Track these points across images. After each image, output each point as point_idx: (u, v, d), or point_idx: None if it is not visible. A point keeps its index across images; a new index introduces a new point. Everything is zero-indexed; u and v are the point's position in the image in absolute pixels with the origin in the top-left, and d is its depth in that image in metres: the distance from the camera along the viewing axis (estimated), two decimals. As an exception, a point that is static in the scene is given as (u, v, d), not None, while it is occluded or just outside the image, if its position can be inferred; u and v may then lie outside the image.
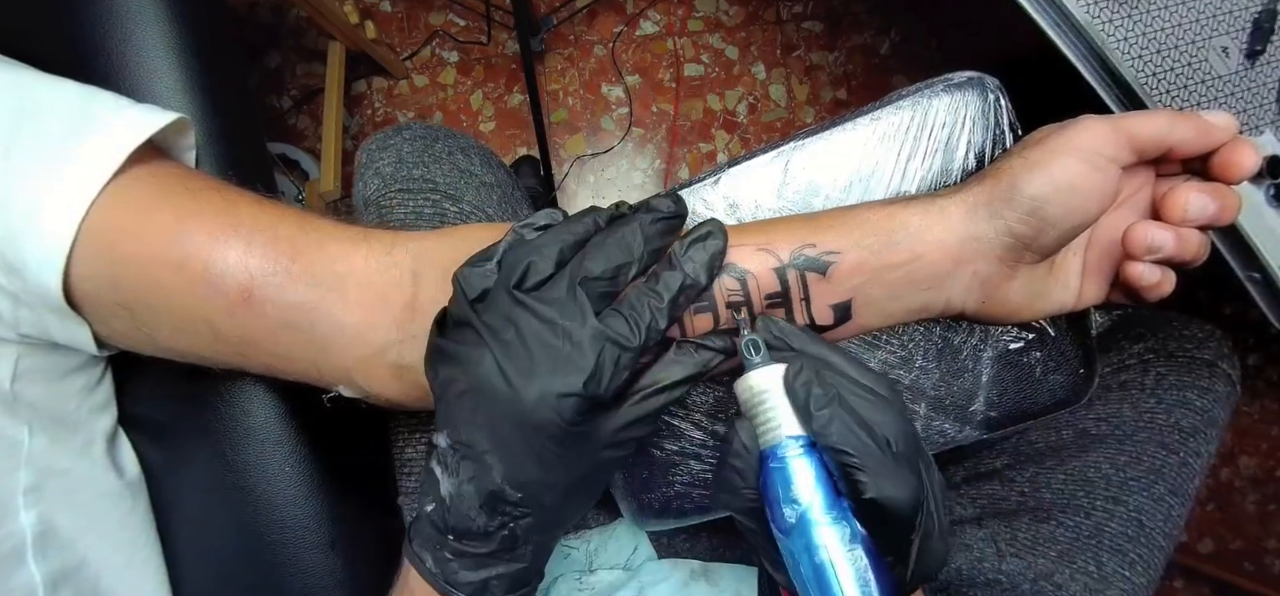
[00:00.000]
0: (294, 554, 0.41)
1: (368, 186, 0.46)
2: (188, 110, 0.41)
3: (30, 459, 0.33)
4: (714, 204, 0.39)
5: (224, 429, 0.41)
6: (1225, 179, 0.30)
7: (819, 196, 0.39)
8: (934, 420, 0.41)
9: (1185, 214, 0.30)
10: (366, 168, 0.47)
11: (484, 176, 0.49)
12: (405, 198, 0.45)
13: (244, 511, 0.41)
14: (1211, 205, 0.30)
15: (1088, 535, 0.44)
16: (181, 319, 0.31)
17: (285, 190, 0.99)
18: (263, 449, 0.41)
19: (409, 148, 0.47)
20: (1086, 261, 0.33)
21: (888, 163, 0.38)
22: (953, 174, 0.38)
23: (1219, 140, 0.30)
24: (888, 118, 0.38)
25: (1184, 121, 0.30)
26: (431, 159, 0.47)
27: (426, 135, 0.48)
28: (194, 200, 0.31)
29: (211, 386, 0.41)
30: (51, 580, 0.33)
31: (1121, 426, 0.46)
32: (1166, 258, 0.31)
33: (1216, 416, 0.47)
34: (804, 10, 1.16)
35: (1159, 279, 0.31)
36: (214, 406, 0.41)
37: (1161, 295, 0.32)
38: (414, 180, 0.46)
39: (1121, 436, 0.46)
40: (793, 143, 0.39)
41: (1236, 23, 0.45)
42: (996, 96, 0.38)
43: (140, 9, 0.42)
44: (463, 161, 0.48)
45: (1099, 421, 0.47)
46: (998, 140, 0.38)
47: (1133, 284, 0.32)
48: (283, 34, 1.10)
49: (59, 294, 0.29)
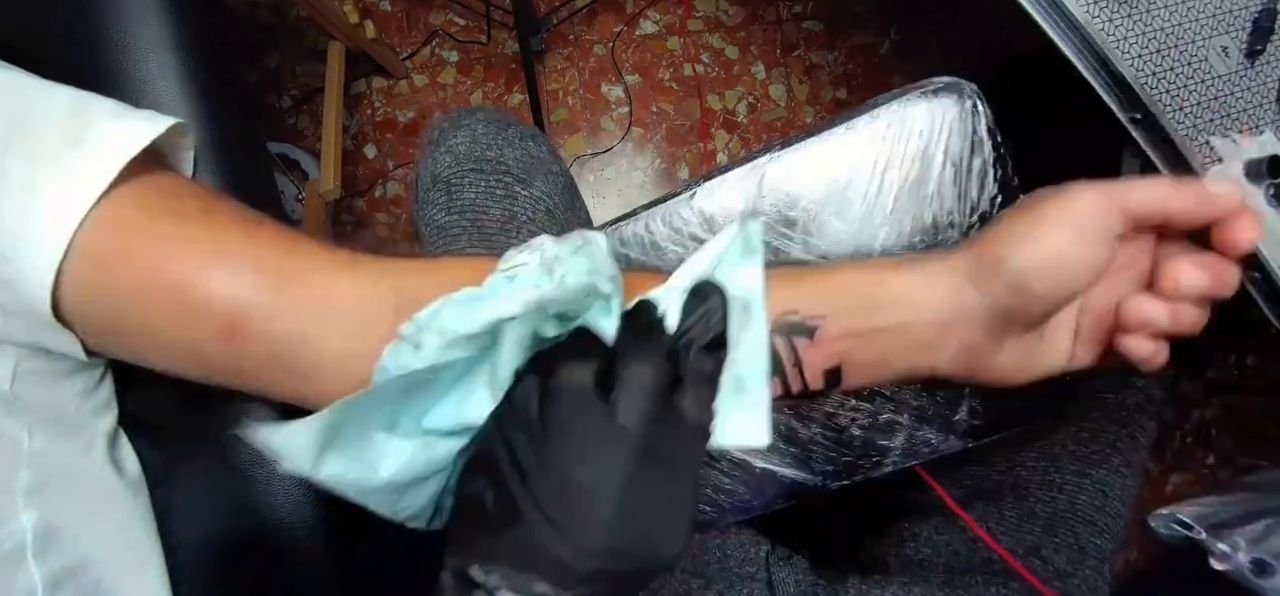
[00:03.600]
0: (294, 554, 0.41)
1: (439, 163, 0.47)
2: (186, 111, 0.41)
3: (30, 459, 0.33)
4: (689, 220, 0.39)
5: (224, 429, 0.41)
6: (1225, 252, 0.29)
7: (796, 208, 0.39)
8: (918, 431, 0.41)
9: (1177, 289, 0.29)
10: (438, 145, 0.47)
11: (551, 165, 0.50)
12: (478, 177, 0.46)
13: (244, 511, 0.41)
14: (1206, 280, 0.29)
15: (1063, 509, 0.47)
16: (167, 344, 0.31)
17: (285, 190, 0.99)
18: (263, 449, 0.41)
19: (484, 128, 0.47)
20: (1080, 327, 0.32)
21: (864, 172, 0.38)
22: (930, 183, 0.38)
23: (1221, 211, 0.28)
24: (864, 127, 0.38)
25: (1183, 192, 0.28)
26: (505, 142, 0.47)
27: (500, 119, 0.49)
28: (181, 222, 0.30)
29: (212, 387, 0.41)
30: (52, 580, 0.33)
31: (1079, 405, 0.50)
32: (1161, 332, 0.30)
33: (1154, 394, 0.51)
34: (804, 10, 1.16)
35: (1152, 352, 0.30)
36: (214, 406, 0.41)
37: (1156, 366, 0.31)
38: (488, 161, 0.46)
39: (1080, 413, 0.50)
40: (768, 155, 0.39)
41: (1236, 22, 0.45)
42: (974, 102, 0.38)
43: (139, 9, 0.41)
44: (532, 148, 0.49)
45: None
46: (976, 147, 0.38)
47: (1127, 355, 0.31)
48: (283, 34, 1.10)
49: (48, 309, 0.29)
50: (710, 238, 0.39)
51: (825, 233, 0.39)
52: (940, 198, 0.38)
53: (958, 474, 0.51)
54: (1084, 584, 0.45)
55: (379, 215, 1.10)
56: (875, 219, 0.38)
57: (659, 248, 0.40)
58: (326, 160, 0.91)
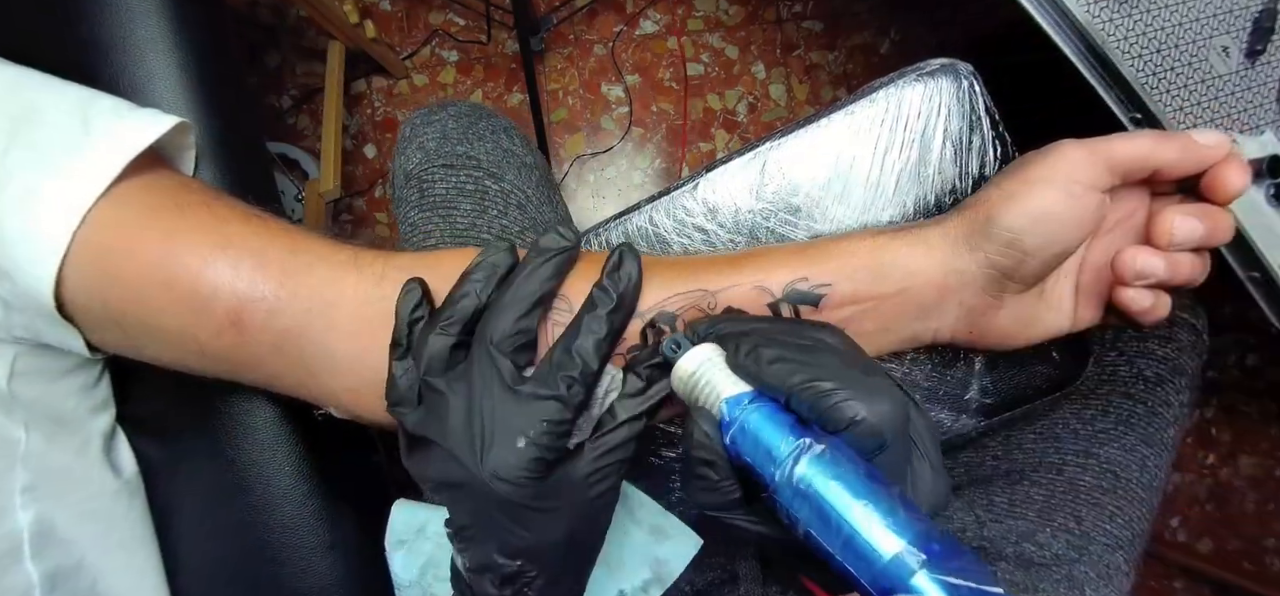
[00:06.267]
0: (294, 554, 0.41)
1: (410, 160, 0.46)
2: (187, 110, 0.41)
3: (27, 458, 0.33)
4: (693, 211, 0.39)
5: (225, 428, 0.41)
6: (1214, 199, 0.30)
7: (798, 195, 0.39)
8: (930, 411, 0.41)
9: (1172, 238, 0.30)
10: (409, 142, 0.47)
11: (524, 157, 0.49)
12: (448, 173, 0.45)
13: (244, 511, 0.41)
14: (1200, 228, 0.29)
15: (1063, 491, 0.44)
16: (170, 338, 0.31)
17: (285, 189, 0.99)
18: (263, 448, 0.41)
19: (454, 124, 0.47)
20: (1080, 285, 0.33)
21: (865, 156, 0.38)
22: (930, 163, 0.38)
23: (1208, 159, 0.29)
24: (862, 111, 0.38)
25: (1168, 142, 0.29)
26: (475, 137, 0.47)
27: (471, 113, 0.48)
28: (183, 218, 0.30)
29: (213, 386, 0.40)
30: (48, 580, 0.33)
31: (1085, 381, 0.46)
32: (1159, 283, 0.30)
33: (1183, 365, 0.47)
34: (804, 10, 1.15)
35: (1151, 303, 0.31)
36: (215, 405, 0.41)
37: (1157, 319, 0.31)
38: (458, 156, 0.46)
39: (1086, 391, 0.47)
40: (769, 143, 0.39)
41: (1236, 22, 0.45)
42: (970, 82, 0.38)
43: (140, 9, 0.41)
44: (505, 142, 0.48)
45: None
46: (975, 126, 0.38)
47: (1125, 308, 0.31)
48: (283, 34, 1.10)
49: (51, 303, 0.29)
50: (714, 228, 0.39)
51: (829, 218, 0.39)
52: (941, 177, 0.38)
53: (951, 461, 0.49)
54: (1091, 569, 0.42)
55: (379, 215, 1.10)
56: (878, 202, 0.38)
57: (664, 240, 0.40)
58: (326, 160, 0.91)
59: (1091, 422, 0.46)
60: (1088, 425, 0.46)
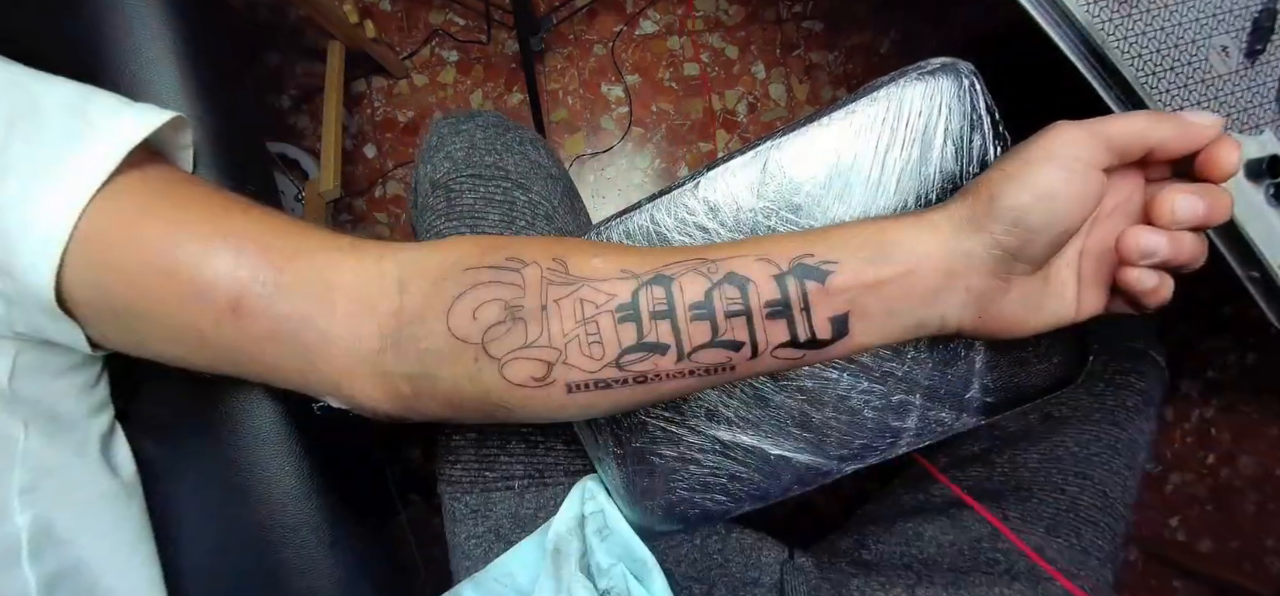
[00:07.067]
0: (294, 554, 0.41)
1: (437, 169, 0.47)
2: (186, 109, 0.41)
3: (25, 458, 0.33)
4: (695, 209, 0.39)
5: (225, 427, 0.41)
6: (1209, 178, 0.30)
7: (800, 193, 0.39)
8: (930, 410, 0.41)
9: (1173, 217, 0.30)
10: (437, 150, 0.47)
11: (551, 169, 0.50)
12: (476, 183, 0.46)
13: (244, 510, 0.41)
14: (1200, 206, 0.30)
15: (1066, 509, 0.48)
16: (171, 327, 0.31)
17: (285, 189, 0.99)
18: (263, 448, 0.41)
19: (482, 134, 0.47)
20: (1082, 271, 0.33)
21: (866, 155, 0.38)
22: (931, 162, 0.38)
23: (1202, 138, 0.29)
24: (863, 110, 0.38)
25: (1163, 121, 0.29)
26: (503, 148, 0.47)
27: (499, 124, 0.49)
28: (183, 208, 0.31)
29: (213, 385, 0.41)
30: (47, 581, 0.33)
31: (1079, 408, 0.51)
32: (1162, 262, 0.31)
33: (1153, 396, 0.52)
34: (804, 10, 1.15)
35: (1156, 283, 0.31)
36: (215, 405, 0.41)
37: (1161, 300, 0.32)
38: (486, 166, 0.46)
39: (1082, 417, 0.51)
40: (770, 142, 0.39)
41: (1236, 22, 0.45)
42: (971, 80, 0.38)
43: (139, 8, 0.41)
44: (531, 153, 0.49)
45: (1060, 404, 0.52)
46: (975, 125, 0.38)
47: (1130, 289, 0.32)
48: (283, 33, 1.10)
49: (51, 297, 0.29)
50: (715, 226, 0.39)
51: (830, 216, 0.39)
52: (942, 176, 0.38)
53: (960, 475, 0.51)
54: (1089, 582, 0.46)
55: (379, 215, 1.10)
56: (879, 200, 0.39)
57: (665, 239, 0.40)
58: (326, 160, 0.91)
59: (1087, 446, 0.50)
60: (1084, 449, 0.49)
